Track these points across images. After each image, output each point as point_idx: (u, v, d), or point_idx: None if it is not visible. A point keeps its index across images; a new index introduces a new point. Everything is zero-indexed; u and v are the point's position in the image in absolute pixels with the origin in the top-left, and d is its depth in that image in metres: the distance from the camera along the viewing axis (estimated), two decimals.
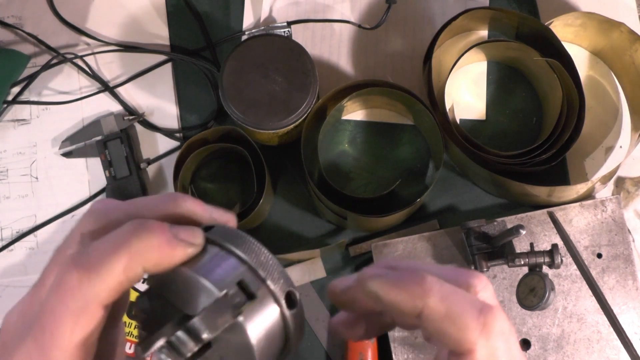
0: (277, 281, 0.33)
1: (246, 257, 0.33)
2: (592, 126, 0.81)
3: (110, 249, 0.29)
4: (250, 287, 0.32)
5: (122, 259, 0.29)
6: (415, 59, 0.82)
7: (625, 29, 0.77)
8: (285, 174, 0.82)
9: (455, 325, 0.30)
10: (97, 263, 0.29)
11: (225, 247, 0.33)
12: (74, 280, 0.28)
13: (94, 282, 0.28)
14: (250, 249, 0.33)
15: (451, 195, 0.81)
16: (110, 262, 0.29)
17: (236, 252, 0.33)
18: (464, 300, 0.31)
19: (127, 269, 0.29)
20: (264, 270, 0.33)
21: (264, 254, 0.33)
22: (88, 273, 0.28)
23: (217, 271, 0.32)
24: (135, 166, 0.81)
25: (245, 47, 0.72)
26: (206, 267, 0.32)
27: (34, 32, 0.85)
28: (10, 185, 0.83)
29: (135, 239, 0.29)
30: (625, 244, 0.75)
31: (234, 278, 0.32)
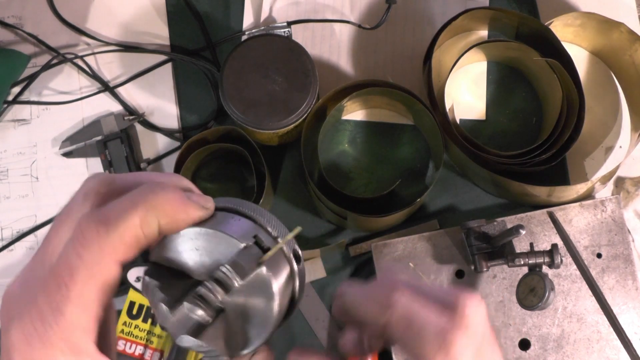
0: (285, 238, 0.36)
1: (255, 216, 0.35)
2: (592, 126, 0.81)
3: (127, 204, 0.29)
4: (265, 242, 0.34)
5: (139, 212, 0.29)
6: (415, 59, 0.82)
7: (625, 29, 0.77)
8: (285, 174, 0.82)
9: (416, 339, 0.32)
10: (115, 216, 0.29)
11: (234, 210, 0.35)
12: (92, 232, 0.28)
13: (112, 235, 0.28)
14: (255, 210, 0.35)
15: (451, 195, 0.81)
16: (128, 215, 0.29)
17: (246, 212, 0.35)
18: (428, 317, 0.32)
19: (143, 222, 0.29)
20: (273, 229, 0.35)
21: (268, 214, 0.36)
22: (106, 226, 0.28)
23: (233, 228, 0.33)
24: (135, 166, 0.81)
25: (245, 47, 0.72)
26: (222, 224, 0.33)
27: (34, 32, 0.85)
28: (10, 185, 0.83)
29: (151, 194, 0.30)
30: (625, 244, 0.75)
31: (249, 233, 0.34)
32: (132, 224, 0.29)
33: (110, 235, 0.28)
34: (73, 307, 0.28)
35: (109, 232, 0.28)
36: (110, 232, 0.28)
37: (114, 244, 0.29)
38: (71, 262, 0.28)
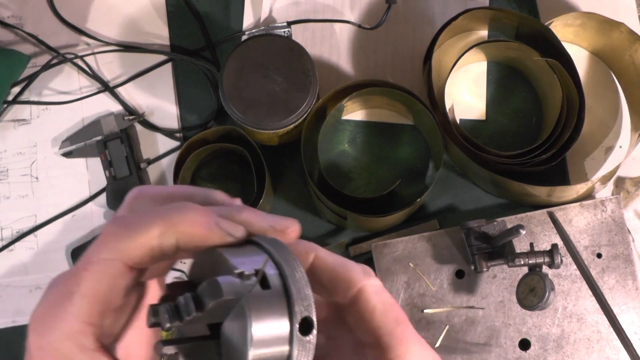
0: (300, 297, 0.31)
1: (278, 261, 0.31)
2: (592, 126, 0.81)
3: (151, 214, 0.31)
4: (269, 281, 0.31)
5: (159, 225, 0.31)
6: (415, 59, 0.82)
7: (625, 29, 0.77)
8: (285, 174, 0.82)
9: (344, 267, 0.35)
10: (135, 222, 0.31)
11: (264, 247, 0.32)
12: (112, 233, 0.31)
13: (127, 238, 0.30)
14: (288, 259, 0.32)
15: (451, 195, 0.81)
16: (148, 225, 0.31)
17: (272, 254, 0.32)
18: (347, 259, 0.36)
19: (161, 235, 0.31)
20: (293, 284, 0.31)
21: (301, 272, 0.31)
22: (125, 229, 0.30)
23: (243, 257, 0.31)
24: (135, 166, 0.81)
25: (245, 47, 0.72)
26: (234, 251, 0.32)
27: (34, 32, 0.85)
28: (10, 185, 0.83)
29: (177, 213, 0.31)
30: (625, 244, 0.75)
31: (255, 265, 0.31)
32: (150, 234, 0.31)
33: (125, 238, 0.30)
34: (79, 298, 0.30)
35: (125, 235, 0.30)
36: (126, 235, 0.30)
37: (128, 247, 0.30)
38: (89, 256, 0.30)
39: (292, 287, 0.30)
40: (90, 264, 0.30)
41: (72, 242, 0.81)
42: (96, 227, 0.82)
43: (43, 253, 0.82)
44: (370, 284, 0.35)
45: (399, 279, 0.75)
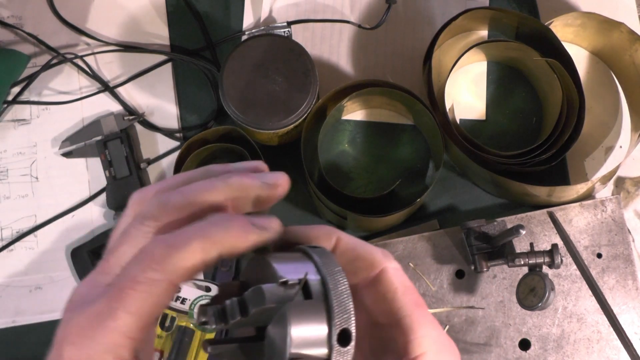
0: (341, 309, 0.32)
1: (323, 272, 0.33)
2: (592, 126, 0.81)
3: (193, 232, 0.32)
4: (312, 290, 0.32)
5: (201, 242, 0.32)
6: (415, 59, 0.82)
7: (625, 29, 0.77)
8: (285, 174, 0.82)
9: (365, 250, 0.36)
10: (181, 242, 0.31)
11: (311, 258, 0.34)
12: (158, 253, 0.31)
13: (176, 258, 0.31)
14: (332, 272, 0.33)
15: (451, 195, 0.81)
16: (192, 243, 0.31)
17: (317, 264, 0.33)
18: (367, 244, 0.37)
19: (204, 251, 0.32)
20: (335, 296, 0.32)
21: (344, 284, 0.32)
22: (172, 249, 0.31)
23: (289, 265, 0.33)
24: (135, 166, 0.81)
25: (245, 47, 0.72)
26: (282, 258, 0.33)
27: (34, 32, 0.85)
28: (10, 185, 0.83)
29: (215, 227, 0.32)
30: (625, 244, 0.75)
31: (300, 274, 0.32)
32: (195, 253, 0.32)
33: (174, 258, 0.31)
34: (126, 315, 0.31)
35: (173, 255, 0.31)
36: (174, 255, 0.31)
37: (176, 266, 0.31)
38: (135, 275, 0.31)
39: (333, 299, 0.32)
40: (136, 283, 0.31)
41: (72, 242, 0.81)
42: (96, 227, 0.82)
43: (43, 253, 0.82)
44: (391, 266, 0.36)
45: None
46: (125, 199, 0.36)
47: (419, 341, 0.34)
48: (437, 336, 0.35)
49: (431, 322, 0.35)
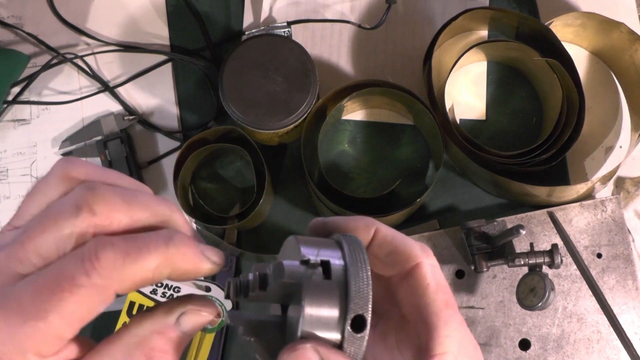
0: (359, 295, 0.32)
1: (348, 258, 0.33)
2: (592, 126, 0.81)
3: (149, 245, 0.30)
4: (332, 272, 0.32)
5: (158, 258, 0.30)
6: (415, 59, 0.82)
7: (625, 29, 0.77)
8: (285, 174, 0.82)
9: (404, 243, 0.36)
10: (135, 255, 0.29)
11: (339, 242, 0.34)
12: (109, 260, 0.29)
13: (127, 270, 0.29)
14: (357, 259, 0.33)
15: (451, 195, 0.81)
16: (147, 258, 0.30)
17: (344, 248, 0.33)
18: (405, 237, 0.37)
19: (156, 268, 0.30)
20: (355, 281, 0.32)
21: (366, 272, 0.32)
22: (124, 260, 0.29)
23: (315, 248, 0.33)
24: (135, 166, 0.81)
25: (245, 47, 0.72)
26: (308, 240, 0.34)
27: (34, 32, 0.85)
28: (10, 185, 0.83)
29: (172, 246, 0.31)
30: (625, 244, 0.75)
31: (322, 256, 0.32)
32: (148, 266, 0.30)
33: (124, 270, 0.29)
34: (59, 318, 0.28)
35: (124, 267, 0.29)
36: (125, 267, 0.29)
37: (123, 277, 0.29)
38: (75, 278, 0.28)
39: (352, 283, 0.31)
40: (76, 287, 0.28)
41: None
42: None
43: None
44: (427, 262, 0.35)
45: None
46: None
47: (441, 340, 0.34)
48: (461, 338, 0.35)
49: (458, 323, 0.35)
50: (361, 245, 0.34)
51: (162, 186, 0.82)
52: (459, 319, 0.35)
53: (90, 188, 0.30)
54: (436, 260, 0.36)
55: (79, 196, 0.30)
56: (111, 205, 0.30)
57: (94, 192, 0.30)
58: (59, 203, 0.31)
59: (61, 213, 0.30)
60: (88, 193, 0.30)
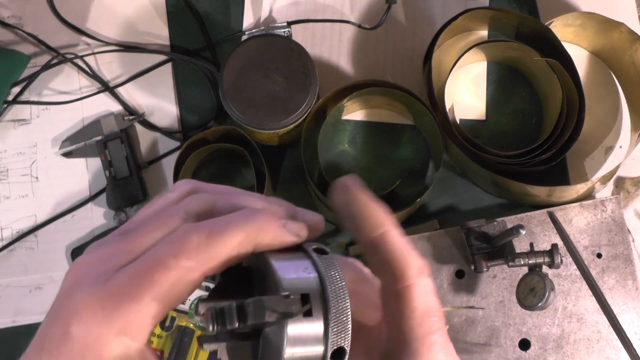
0: (339, 329, 0.32)
1: (326, 284, 0.33)
2: (592, 126, 0.81)
3: (231, 224, 0.31)
4: (312, 308, 0.32)
5: (240, 234, 0.31)
6: (415, 59, 0.82)
7: (625, 29, 0.77)
8: (285, 174, 0.82)
9: (402, 260, 0.34)
10: (218, 232, 0.30)
11: (316, 265, 0.33)
12: (196, 240, 0.30)
13: (211, 249, 0.30)
14: (337, 288, 0.33)
15: (451, 195, 0.81)
16: (230, 234, 0.31)
17: (321, 275, 0.33)
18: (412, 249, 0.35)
19: (241, 244, 0.31)
20: (336, 315, 0.32)
21: (345, 300, 0.33)
22: (208, 239, 0.30)
23: (294, 276, 0.32)
24: (135, 166, 0.81)
25: (245, 47, 0.72)
26: (288, 267, 0.33)
27: (34, 32, 0.85)
28: (10, 185, 0.83)
29: (253, 220, 0.32)
30: (625, 244, 0.75)
31: (303, 289, 0.32)
32: (231, 244, 0.31)
33: (209, 248, 0.30)
34: (151, 300, 0.29)
35: (209, 245, 0.30)
36: (210, 245, 0.30)
37: (210, 257, 0.30)
38: (166, 261, 0.30)
39: (333, 319, 0.32)
40: (167, 269, 0.30)
41: (72, 242, 0.81)
42: (96, 227, 0.82)
43: (43, 253, 0.82)
44: (420, 283, 0.34)
45: None
46: (126, 199, 0.36)
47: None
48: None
49: (442, 346, 0.34)
50: (336, 265, 0.34)
51: (162, 186, 0.82)
52: (444, 343, 0.34)
53: (198, 198, 0.33)
54: (430, 280, 0.35)
55: (188, 204, 0.33)
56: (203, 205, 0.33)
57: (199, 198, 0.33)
58: (171, 209, 0.33)
59: (169, 211, 0.32)
60: (194, 199, 0.33)
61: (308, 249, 0.34)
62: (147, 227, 0.32)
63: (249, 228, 0.31)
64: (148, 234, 0.32)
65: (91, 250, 0.33)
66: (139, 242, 0.32)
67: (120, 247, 0.32)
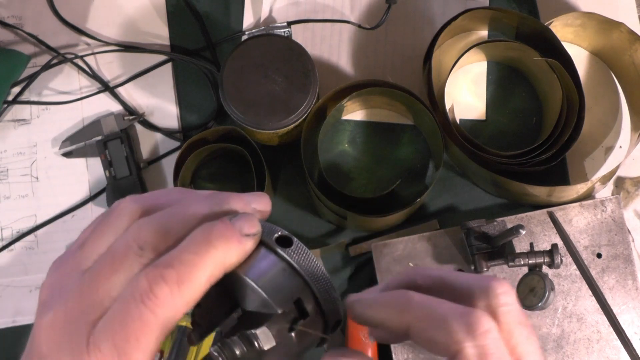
0: (333, 312, 0.34)
1: (307, 278, 0.34)
2: (592, 126, 0.81)
3: (195, 260, 0.31)
4: (306, 307, 0.34)
5: (208, 269, 0.31)
6: (415, 59, 0.82)
7: (625, 29, 0.77)
8: (285, 174, 0.82)
9: (440, 330, 0.31)
10: (187, 276, 0.30)
11: (285, 259, 0.34)
12: (165, 292, 0.30)
13: (185, 294, 0.30)
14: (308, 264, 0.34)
15: (451, 195, 0.81)
16: (199, 274, 0.30)
17: (297, 269, 0.34)
18: (445, 307, 0.32)
19: (211, 277, 0.31)
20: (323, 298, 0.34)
21: (319, 268, 0.34)
22: (178, 286, 0.30)
23: (276, 285, 0.33)
24: (135, 166, 0.81)
25: (245, 47, 0.72)
26: (266, 279, 0.33)
27: (34, 32, 0.85)
28: (10, 185, 0.83)
29: (213, 249, 0.31)
30: (625, 244, 0.75)
31: (292, 296, 0.33)
32: (203, 282, 0.31)
33: (183, 294, 0.30)
34: (140, 354, 0.30)
35: (181, 291, 0.30)
36: (182, 290, 0.30)
37: (186, 301, 0.30)
38: (144, 318, 0.30)
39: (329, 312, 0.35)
40: (147, 326, 0.30)
41: (72, 242, 0.81)
42: None
43: (43, 253, 0.82)
44: (471, 345, 0.30)
45: None
46: None
47: None
48: None
49: None
50: (309, 255, 0.34)
51: (162, 186, 0.82)
52: None
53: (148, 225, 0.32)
54: (490, 327, 0.30)
55: (139, 235, 0.32)
56: (168, 237, 0.32)
57: (149, 228, 0.32)
58: (122, 244, 0.32)
59: (124, 250, 0.31)
60: (145, 230, 0.32)
61: (271, 244, 0.34)
62: (103, 270, 0.31)
63: (215, 257, 0.31)
64: (109, 279, 0.31)
65: (54, 274, 0.33)
66: (103, 290, 0.31)
67: (89, 298, 0.31)
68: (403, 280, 0.36)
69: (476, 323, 0.30)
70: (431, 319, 0.31)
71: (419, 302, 0.32)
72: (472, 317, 0.31)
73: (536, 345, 0.33)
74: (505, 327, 0.32)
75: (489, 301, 0.32)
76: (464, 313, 0.31)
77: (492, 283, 0.33)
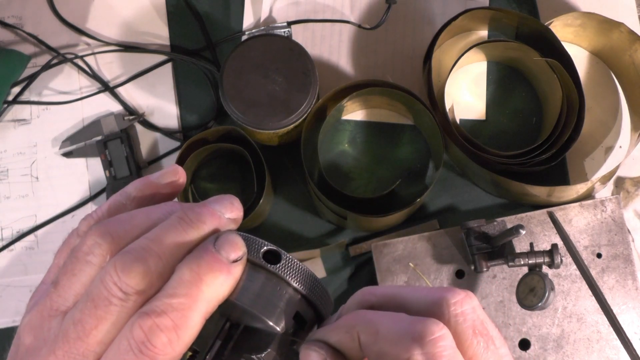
0: (329, 311, 0.35)
1: (304, 292, 0.34)
2: (592, 126, 0.81)
3: (188, 303, 0.30)
4: (305, 317, 0.34)
5: (202, 308, 0.31)
6: (415, 59, 0.82)
7: (625, 29, 0.77)
8: (285, 174, 0.82)
9: (387, 342, 0.30)
10: (181, 321, 0.30)
11: (278, 277, 0.33)
12: (163, 341, 0.29)
13: (183, 338, 0.30)
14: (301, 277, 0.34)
15: (451, 195, 0.81)
16: (193, 315, 0.30)
17: (291, 284, 0.33)
18: (394, 319, 0.31)
19: (206, 313, 0.31)
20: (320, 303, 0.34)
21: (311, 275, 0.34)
22: (176, 332, 0.30)
23: (274, 306, 0.33)
24: (135, 166, 0.81)
25: (245, 47, 0.72)
26: (262, 302, 0.33)
27: (34, 32, 0.85)
28: (10, 185, 0.83)
29: (204, 286, 0.31)
30: (625, 244, 0.75)
31: (291, 312, 0.33)
32: (198, 322, 0.31)
33: (181, 340, 0.30)
34: None
35: (179, 337, 0.30)
36: (181, 336, 0.30)
37: (186, 344, 0.30)
38: None
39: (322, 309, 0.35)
40: None
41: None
42: None
43: (43, 253, 0.82)
44: (419, 353, 0.29)
45: (399, 279, 0.75)
46: None
47: None
48: None
49: None
50: (299, 265, 0.34)
51: None
52: None
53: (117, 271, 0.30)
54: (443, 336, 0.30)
55: (116, 279, 0.30)
56: (152, 279, 0.31)
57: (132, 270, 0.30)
58: (101, 290, 0.31)
59: (110, 304, 0.30)
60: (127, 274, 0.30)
61: (260, 263, 0.33)
62: (89, 319, 0.30)
63: (207, 294, 0.31)
64: (97, 327, 0.30)
65: (32, 313, 0.32)
66: (94, 340, 0.30)
67: (73, 350, 0.30)
68: (356, 302, 0.35)
69: (424, 330, 0.30)
70: (378, 332, 0.31)
71: (367, 318, 0.32)
72: (420, 325, 0.30)
73: (498, 355, 0.31)
74: (462, 336, 0.31)
75: (442, 311, 0.31)
76: (412, 322, 0.30)
77: (444, 294, 0.32)
